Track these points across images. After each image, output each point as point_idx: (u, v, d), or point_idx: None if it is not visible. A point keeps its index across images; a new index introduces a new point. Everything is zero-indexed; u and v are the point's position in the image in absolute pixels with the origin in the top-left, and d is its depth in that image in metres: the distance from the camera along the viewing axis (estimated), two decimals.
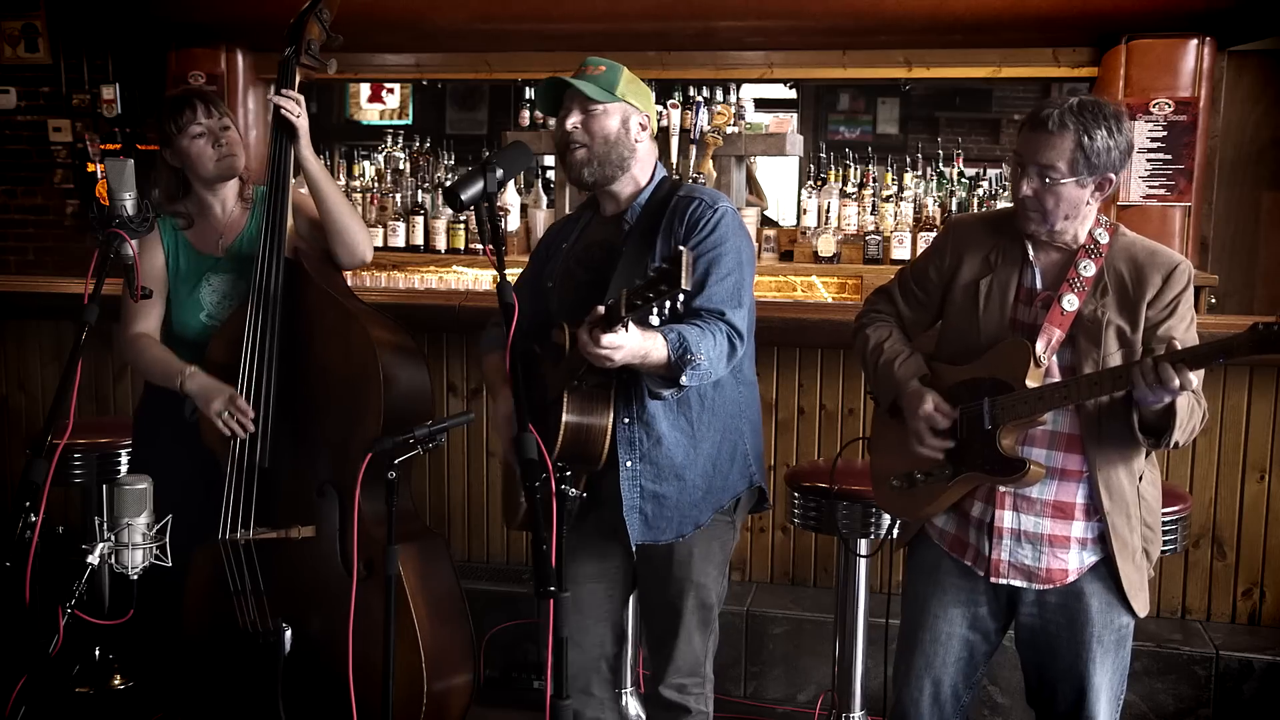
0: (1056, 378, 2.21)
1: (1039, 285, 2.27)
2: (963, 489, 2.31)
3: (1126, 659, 2.35)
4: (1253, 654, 3.31)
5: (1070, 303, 2.21)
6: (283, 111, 2.74)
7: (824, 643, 3.43)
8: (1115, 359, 2.18)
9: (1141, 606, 2.29)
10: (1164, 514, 2.70)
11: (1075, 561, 2.27)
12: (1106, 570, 2.27)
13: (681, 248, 1.94)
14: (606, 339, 2.09)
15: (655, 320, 2.04)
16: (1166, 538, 2.72)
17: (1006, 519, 2.28)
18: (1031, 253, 2.28)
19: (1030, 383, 2.17)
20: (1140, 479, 2.28)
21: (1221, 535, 3.48)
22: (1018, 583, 2.30)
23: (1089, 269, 2.22)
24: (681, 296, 1.95)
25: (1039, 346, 2.20)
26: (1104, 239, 2.24)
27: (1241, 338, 1.92)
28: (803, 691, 3.54)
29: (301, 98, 2.79)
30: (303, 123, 2.76)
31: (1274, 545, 3.46)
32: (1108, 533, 2.24)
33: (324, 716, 2.74)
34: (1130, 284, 2.21)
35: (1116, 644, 2.31)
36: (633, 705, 3.10)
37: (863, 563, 3.01)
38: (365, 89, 9.09)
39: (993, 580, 2.31)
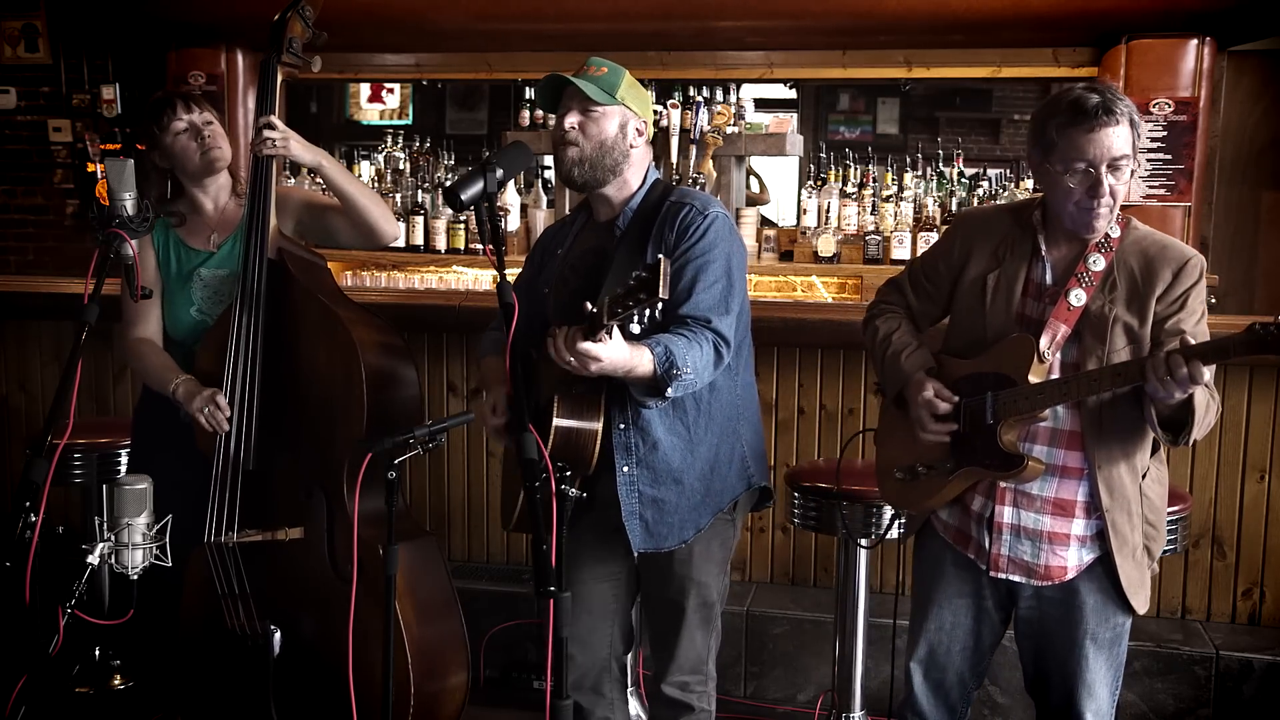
0: (1059, 374, 2.20)
1: (1049, 280, 2.26)
2: (963, 483, 2.32)
3: (1122, 656, 2.35)
4: (1253, 654, 3.31)
5: (1077, 298, 2.20)
6: (266, 152, 2.73)
7: (824, 643, 3.43)
8: (1121, 355, 2.16)
9: (1141, 604, 2.28)
10: (1165, 514, 2.71)
11: (1074, 559, 2.27)
12: (1105, 568, 2.26)
13: (660, 256, 1.96)
14: (586, 347, 2.10)
15: (636, 328, 2.05)
16: (1167, 537, 2.72)
17: (1006, 514, 2.29)
18: (1044, 247, 2.27)
19: (1033, 378, 2.17)
20: (1144, 476, 2.27)
21: (1221, 535, 3.48)
22: (1016, 578, 2.31)
23: (1098, 264, 2.20)
24: (660, 305, 1.96)
25: (1043, 342, 2.19)
26: (1115, 233, 2.22)
27: (1238, 338, 1.91)
28: (803, 691, 3.54)
29: (277, 121, 2.75)
30: (290, 143, 2.73)
31: (1274, 545, 3.46)
32: (1107, 530, 2.23)
33: (317, 716, 2.75)
34: (1140, 279, 2.19)
35: (1111, 642, 2.31)
36: (633, 704, 3.10)
37: (863, 563, 3.01)
38: (365, 89, 9.09)
39: (992, 574, 2.32)
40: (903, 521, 2.70)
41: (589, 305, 2.11)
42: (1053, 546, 2.27)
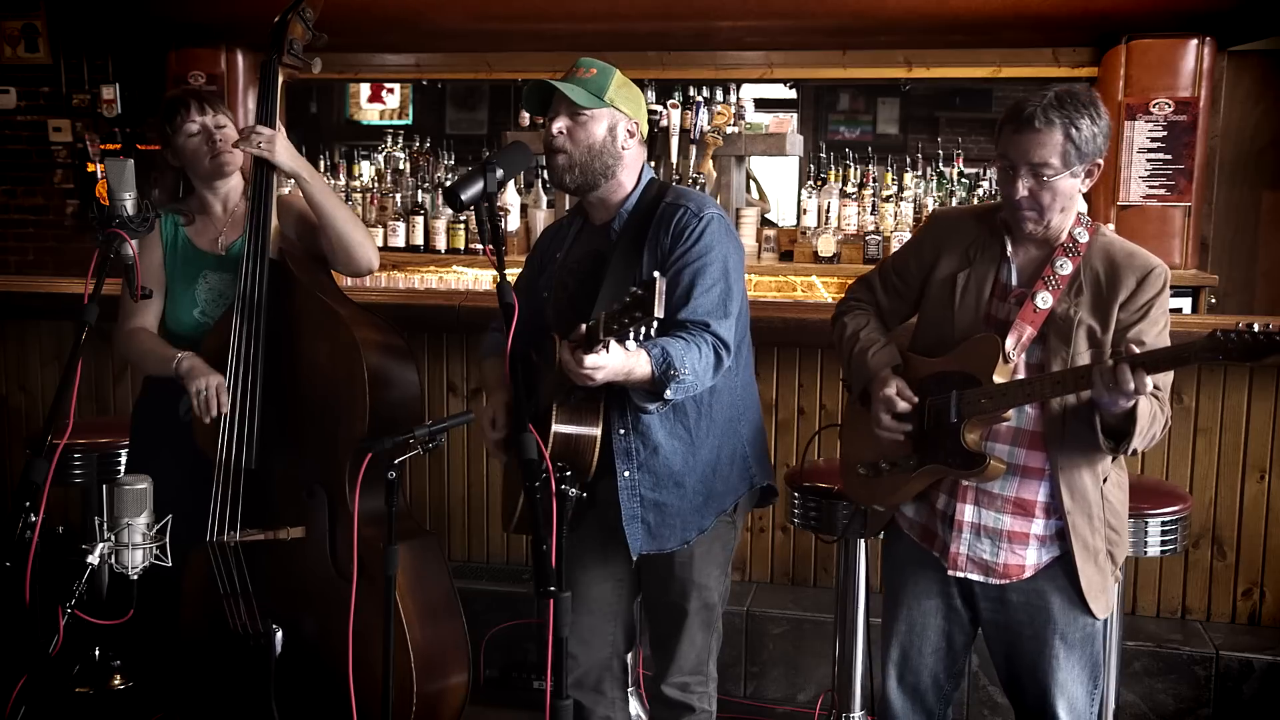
0: (1024, 375, 2.23)
1: (1014, 281, 2.29)
2: (925, 480, 2.34)
3: (1098, 655, 2.35)
4: (1253, 654, 3.31)
5: (1044, 300, 2.22)
6: (250, 150, 2.72)
7: (824, 643, 3.43)
8: (1085, 358, 2.19)
9: (1101, 609, 2.29)
10: (1164, 514, 2.72)
11: (1033, 558, 2.29)
12: (1066, 568, 2.27)
13: (656, 274, 1.94)
14: (588, 360, 2.10)
15: (631, 345, 2.04)
16: (1166, 537, 2.73)
17: (967, 513, 2.30)
18: (1010, 249, 2.29)
19: (998, 378, 2.19)
20: (1105, 480, 2.28)
21: (1221, 535, 3.48)
22: (975, 576, 2.32)
23: (1065, 267, 2.23)
24: (655, 323, 1.96)
25: (1009, 343, 2.21)
26: (1083, 238, 2.25)
27: (1198, 344, 1.94)
28: (803, 691, 3.54)
29: (265, 130, 2.73)
30: (275, 145, 2.71)
31: (1274, 545, 3.46)
32: (1067, 531, 2.25)
33: (318, 716, 2.75)
34: (1104, 284, 2.22)
35: (1083, 641, 2.32)
36: (633, 704, 3.10)
37: (862, 562, 3.00)
38: (365, 89, 9.09)
39: (950, 573, 2.33)
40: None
41: (581, 329, 2.10)
42: (1012, 545, 2.28)
